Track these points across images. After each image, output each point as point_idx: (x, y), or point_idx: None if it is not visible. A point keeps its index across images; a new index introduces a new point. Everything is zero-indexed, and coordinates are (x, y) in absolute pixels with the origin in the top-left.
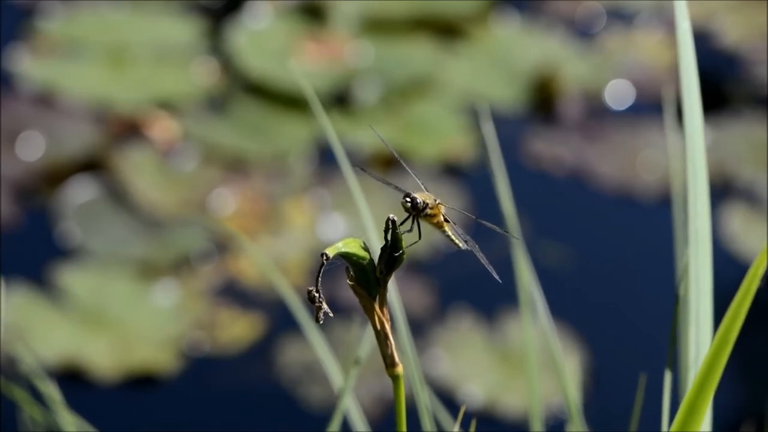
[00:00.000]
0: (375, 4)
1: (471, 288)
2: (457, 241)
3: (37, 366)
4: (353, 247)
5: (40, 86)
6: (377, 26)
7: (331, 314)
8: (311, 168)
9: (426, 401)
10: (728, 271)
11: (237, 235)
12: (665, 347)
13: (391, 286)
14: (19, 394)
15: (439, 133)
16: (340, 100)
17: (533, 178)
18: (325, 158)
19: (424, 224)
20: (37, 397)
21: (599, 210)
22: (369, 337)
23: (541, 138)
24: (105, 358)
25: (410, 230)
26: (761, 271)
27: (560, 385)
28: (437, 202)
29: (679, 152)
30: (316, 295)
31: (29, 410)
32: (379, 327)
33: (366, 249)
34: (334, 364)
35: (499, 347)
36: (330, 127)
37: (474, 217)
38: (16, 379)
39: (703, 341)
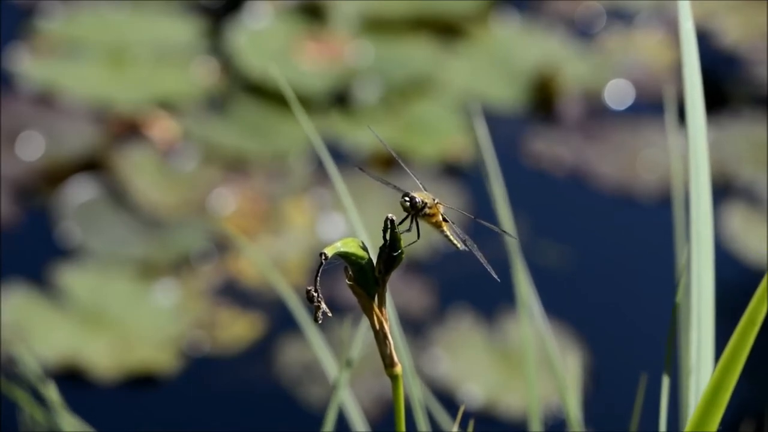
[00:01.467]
0: (375, 4)
1: (470, 288)
2: (455, 242)
3: (37, 366)
4: (352, 246)
5: (40, 86)
6: (377, 26)
7: (329, 314)
8: (311, 168)
9: (420, 399)
10: (728, 271)
11: (237, 238)
12: (665, 347)
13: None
14: (19, 394)
15: (439, 132)
16: (340, 100)
17: (533, 177)
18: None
19: (423, 224)
20: (37, 397)
21: (599, 210)
22: (363, 337)
23: (541, 138)
24: (105, 358)
25: (409, 230)
26: (765, 305)
27: (557, 387)
28: (436, 201)
29: (679, 152)
30: (315, 294)
31: (29, 410)
32: (378, 327)
33: (365, 249)
34: (334, 364)
35: (499, 347)
36: (315, 134)
37: (472, 217)
38: (16, 379)
39: (704, 343)
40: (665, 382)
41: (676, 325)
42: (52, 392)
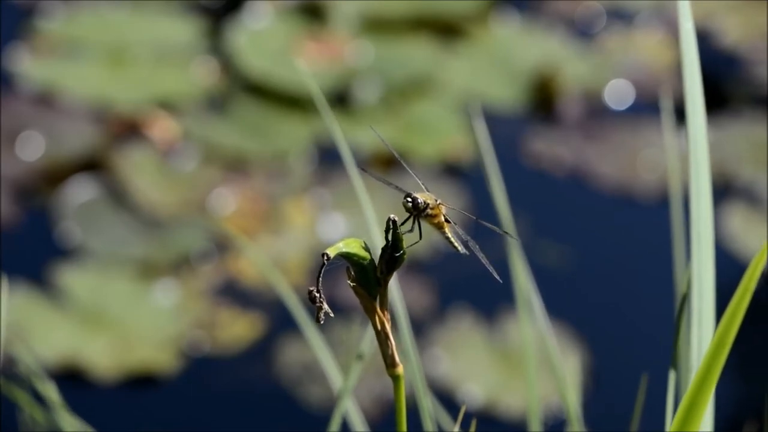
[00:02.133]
0: (375, 3)
1: (471, 288)
2: (456, 244)
3: (37, 366)
4: (354, 247)
5: (40, 86)
6: (377, 26)
7: (331, 314)
8: (311, 168)
9: (428, 403)
10: (728, 270)
11: (237, 238)
12: (665, 347)
13: (393, 286)
14: (19, 394)
15: (439, 132)
16: (340, 100)
17: (533, 177)
18: (325, 158)
19: (424, 224)
20: (37, 397)
21: (599, 210)
22: (370, 336)
23: (541, 138)
24: (105, 357)
25: (411, 230)
26: (759, 271)
27: (558, 387)
28: (438, 202)
29: (677, 152)
30: (317, 295)
31: (29, 410)
32: (379, 327)
33: (367, 249)
34: (334, 364)
35: (499, 347)
36: (336, 125)
37: (474, 217)
38: (16, 379)
39: (705, 344)
40: (671, 380)
41: (681, 325)
42: (52, 392)
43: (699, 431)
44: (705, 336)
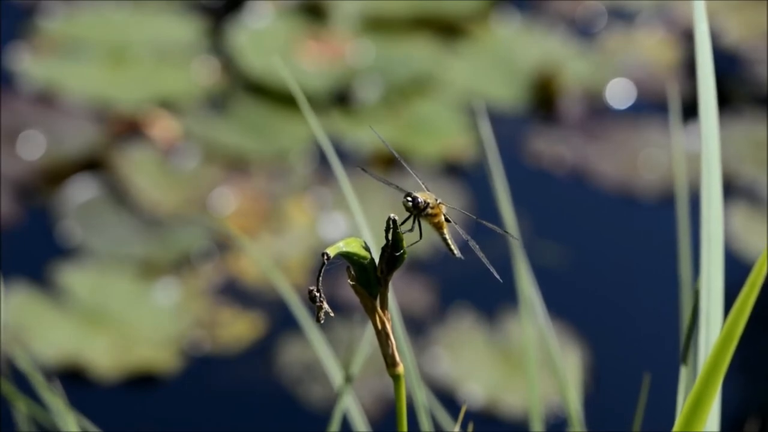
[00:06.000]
0: (376, 3)
1: (471, 287)
2: (453, 248)
3: (38, 365)
4: (354, 246)
5: (40, 85)
6: (378, 25)
7: (332, 314)
8: (312, 167)
9: (423, 400)
10: (729, 270)
11: (237, 236)
12: (666, 346)
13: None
14: (20, 394)
15: (440, 132)
16: (340, 100)
17: (534, 176)
18: (325, 157)
19: (424, 224)
20: (38, 396)
21: (600, 209)
22: (370, 339)
23: (542, 137)
24: (105, 357)
25: (411, 230)
26: (761, 277)
27: (559, 387)
28: (438, 201)
29: (682, 150)
30: (317, 294)
31: (29, 410)
32: (380, 327)
33: (367, 248)
34: (335, 364)
35: (500, 346)
36: (321, 131)
37: (474, 217)
38: (17, 379)
39: (712, 343)
40: (682, 379)
41: (695, 324)
42: (53, 391)
43: (704, 430)
44: (712, 336)
